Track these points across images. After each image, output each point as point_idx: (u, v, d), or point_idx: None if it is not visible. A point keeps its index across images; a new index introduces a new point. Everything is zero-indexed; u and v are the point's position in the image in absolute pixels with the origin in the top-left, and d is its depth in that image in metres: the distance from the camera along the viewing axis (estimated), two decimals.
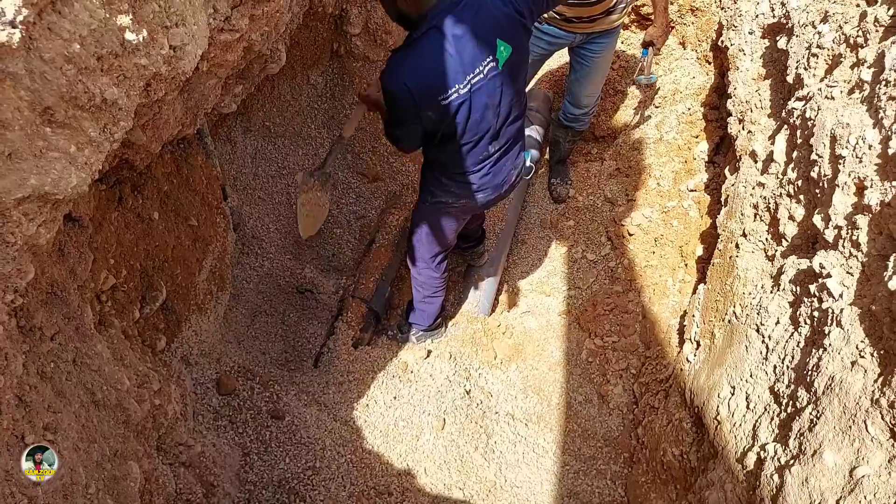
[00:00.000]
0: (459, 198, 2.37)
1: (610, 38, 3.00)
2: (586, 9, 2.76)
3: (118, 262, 1.72)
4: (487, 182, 2.32)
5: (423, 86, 1.90)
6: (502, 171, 2.33)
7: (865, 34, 1.73)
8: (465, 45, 1.89)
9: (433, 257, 2.65)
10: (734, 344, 1.86)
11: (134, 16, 1.13)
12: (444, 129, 2.04)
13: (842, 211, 1.52)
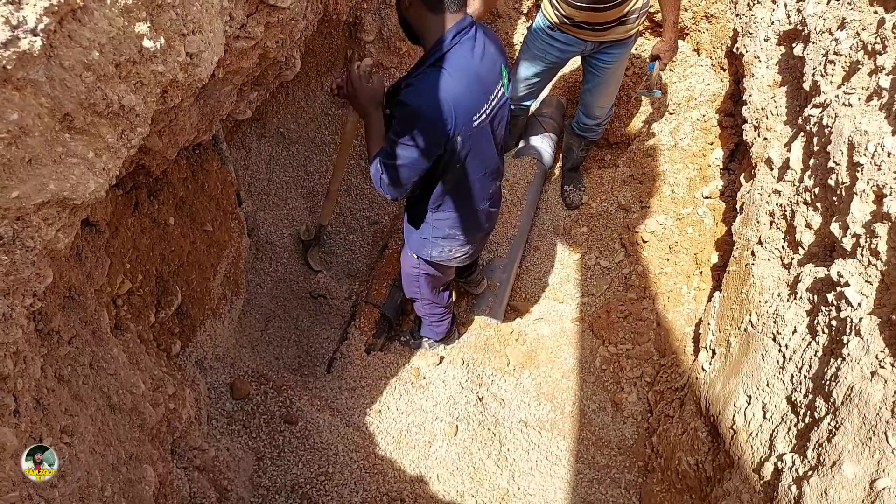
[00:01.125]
0: (465, 244, 2.29)
1: (623, 49, 2.97)
2: (598, 14, 2.75)
3: (134, 266, 1.74)
4: (488, 220, 2.30)
5: (460, 106, 1.78)
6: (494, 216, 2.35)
7: (884, 41, 1.71)
8: (485, 65, 1.84)
9: (433, 294, 2.64)
10: (750, 352, 1.84)
11: (152, 24, 1.14)
12: (463, 155, 1.92)
13: (860, 219, 1.50)
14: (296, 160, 3.08)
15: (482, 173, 2.06)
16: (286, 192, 3.00)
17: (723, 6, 3.62)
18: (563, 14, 2.83)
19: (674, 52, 3.00)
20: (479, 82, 1.84)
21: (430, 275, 2.48)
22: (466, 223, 2.20)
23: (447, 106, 1.75)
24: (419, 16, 1.79)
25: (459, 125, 1.80)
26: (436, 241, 2.25)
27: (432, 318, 2.75)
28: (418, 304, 2.70)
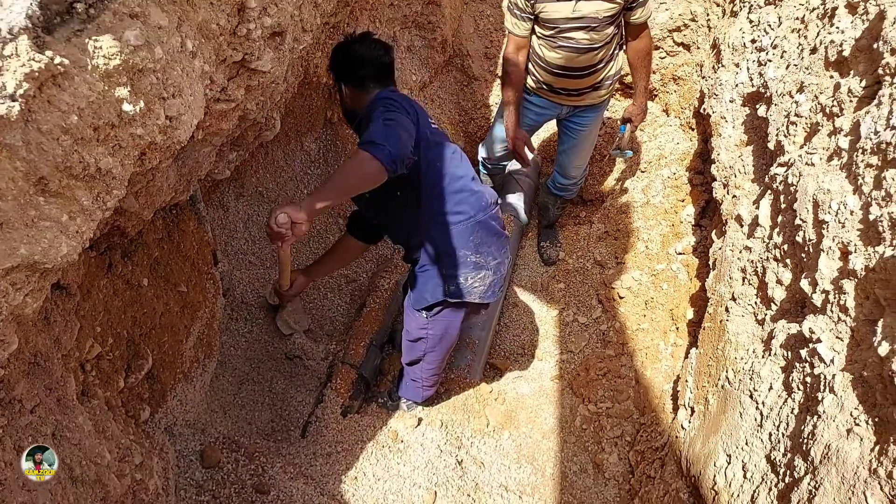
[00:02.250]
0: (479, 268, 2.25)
1: (597, 112, 3.09)
2: (573, 81, 2.86)
3: (105, 329, 1.70)
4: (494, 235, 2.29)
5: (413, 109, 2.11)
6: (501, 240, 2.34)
7: (840, 104, 1.79)
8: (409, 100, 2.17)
9: (440, 360, 2.61)
10: (728, 410, 1.84)
11: (132, 88, 1.15)
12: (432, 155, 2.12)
13: (828, 275, 1.53)
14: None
15: (464, 179, 2.19)
16: (263, 252, 2.98)
17: (689, 69, 3.79)
18: (540, 79, 2.94)
19: (644, 116, 3.14)
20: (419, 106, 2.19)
21: (439, 336, 2.44)
22: (471, 239, 2.22)
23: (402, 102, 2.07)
24: (355, 97, 2.23)
25: (420, 120, 2.08)
26: (448, 272, 2.25)
27: (426, 383, 2.71)
28: (417, 368, 2.64)
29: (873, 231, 1.40)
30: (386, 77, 2.24)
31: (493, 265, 2.30)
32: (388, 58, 2.23)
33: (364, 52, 2.19)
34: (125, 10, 1.08)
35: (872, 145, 1.48)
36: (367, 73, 2.19)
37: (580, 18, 2.62)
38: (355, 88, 2.22)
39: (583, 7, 2.59)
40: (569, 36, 2.69)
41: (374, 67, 2.19)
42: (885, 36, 1.55)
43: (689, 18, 3.69)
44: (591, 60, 2.79)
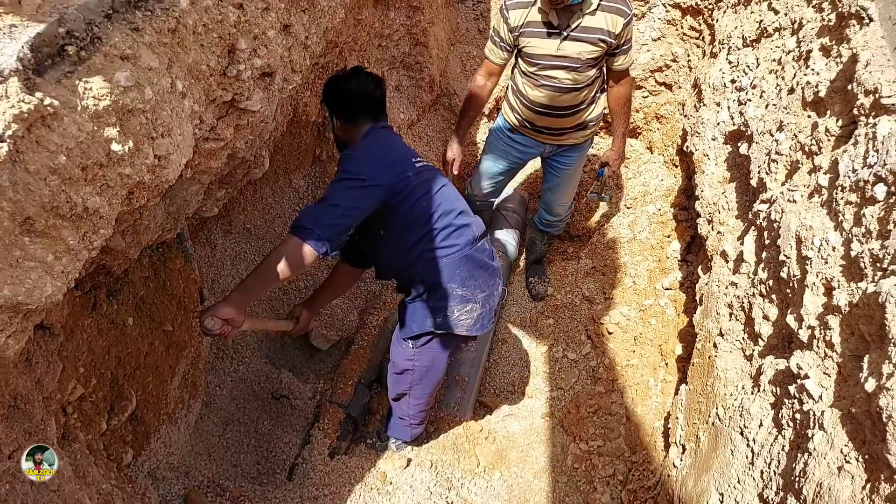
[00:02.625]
0: (466, 301, 2.22)
1: (581, 151, 3.14)
2: (555, 119, 2.91)
3: (88, 370, 1.67)
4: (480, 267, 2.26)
5: (396, 149, 2.19)
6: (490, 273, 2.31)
7: (818, 143, 1.84)
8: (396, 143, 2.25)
9: (427, 395, 2.57)
10: (719, 447, 1.83)
11: (121, 128, 1.16)
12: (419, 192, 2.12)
13: (813, 311, 1.55)
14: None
15: (452, 213, 2.20)
16: None
17: (672, 107, 3.88)
18: (523, 118, 2.99)
19: (621, 161, 3.21)
20: (406, 146, 2.28)
21: (426, 368, 2.42)
22: (458, 272, 2.20)
23: (384, 149, 2.13)
24: (345, 130, 2.26)
25: (400, 162, 2.12)
26: (436, 304, 2.24)
27: (413, 420, 2.66)
28: (404, 403, 2.60)
29: (855, 267, 1.42)
30: (377, 111, 2.27)
31: (480, 298, 2.28)
32: (378, 91, 2.26)
33: (355, 86, 2.22)
34: (116, 53, 1.10)
35: (851, 183, 1.51)
36: (358, 107, 2.22)
37: (563, 57, 2.68)
38: (346, 121, 2.25)
39: (567, 47, 2.64)
40: (551, 74, 2.74)
41: (364, 101, 2.22)
42: (858, 78, 1.60)
43: (670, 59, 3.79)
44: (573, 101, 2.84)
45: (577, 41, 2.63)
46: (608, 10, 2.58)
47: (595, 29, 2.60)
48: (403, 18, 3.24)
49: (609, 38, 2.62)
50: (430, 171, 2.24)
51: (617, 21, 2.59)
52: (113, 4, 1.09)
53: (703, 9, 3.45)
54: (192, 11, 1.28)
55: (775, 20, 2.39)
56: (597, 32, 2.61)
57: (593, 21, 2.59)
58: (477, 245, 2.26)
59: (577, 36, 2.62)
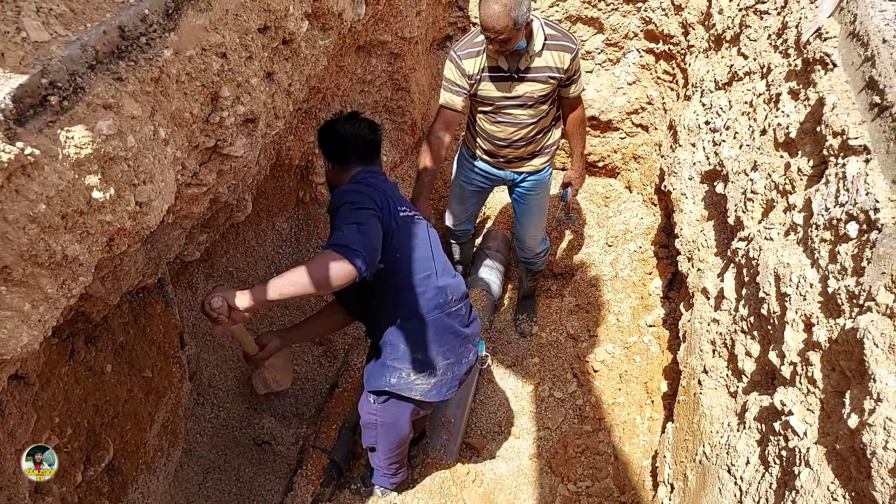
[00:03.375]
0: (424, 368, 2.14)
1: (541, 176, 3.17)
2: (514, 150, 2.98)
3: (63, 420, 1.63)
4: (450, 339, 2.17)
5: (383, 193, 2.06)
6: (461, 340, 2.22)
7: (792, 182, 1.88)
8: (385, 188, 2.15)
9: (391, 450, 2.48)
10: (707, 486, 1.81)
11: (103, 175, 1.16)
12: (398, 242, 2.04)
13: (794, 347, 1.56)
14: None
15: (423, 273, 2.11)
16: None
17: (648, 148, 3.96)
18: (484, 148, 3.06)
19: (582, 180, 3.30)
20: (394, 192, 2.18)
21: (388, 424, 2.33)
22: (419, 336, 2.11)
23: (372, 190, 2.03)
24: (336, 173, 2.24)
25: (388, 207, 2.03)
26: (393, 363, 2.15)
27: (387, 471, 2.60)
28: (374, 456, 2.54)
29: (833, 303, 1.44)
30: (369, 155, 2.24)
31: (442, 365, 2.17)
32: (372, 136, 2.24)
33: (349, 130, 2.21)
34: (99, 102, 1.11)
35: (825, 221, 1.55)
36: (350, 151, 2.21)
37: (517, 97, 2.77)
38: (337, 164, 2.24)
39: (519, 88, 2.74)
40: (507, 111, 2.84)
41: (358, 145, 2.21)
42: (825, 120, 1.65)
43: (645, 102, 3.89)
44: (530, 133, 2.93)
45: (529, 81, 2.72)
46: (554, 49, 2.67)
47: (543, 68, 2.70)
48: (385, 65, 3.31)
49: (558, 73, 2.72)
50: (413, 224, 2.16)
51: (564, 57, 2.69)
52: (97, 56, 1.11)
53: (676, 54, 3.57)
54: (176, 61, 1.30)
55: (745, 64, 2.47)
56: (546, 71, 2.70)
57: (541, 61, 2.68)
58: (449, 310, 2.17)
59: (528, 77, 2.71)
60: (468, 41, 2.72)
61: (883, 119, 1.47)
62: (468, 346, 2.28)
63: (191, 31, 1.35)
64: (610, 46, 3.84)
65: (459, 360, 2.24)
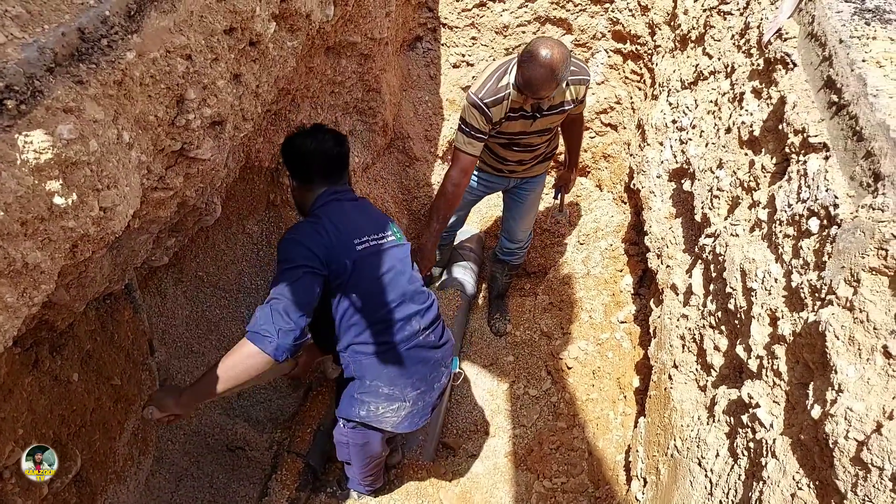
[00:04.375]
0: (392, 399, 2.10)
1: (540, 179, 3.28)
2: (529, 153, 3.01)
3: (28, 431, 1.59)
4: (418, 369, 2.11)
5: (337, 231, 1.97)
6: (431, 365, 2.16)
7: (756, 179, 1.93)
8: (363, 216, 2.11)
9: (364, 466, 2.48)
10: (679, 479, 1.84)
11: (64, 181, 1.14)
12: (357, 278, 1.97)
13: (760, 341, 1.60)
14: (214, 304, 3.00)
15: (388, 306, 2.02)
16: (204, 338, 2.89)
17: (618, 147, 4.01)
18: (492, 165, 3.10)
19: (574, 181, 3.45)
20: (355, 221, 2.06)
21: (360, 445, 2.31)
22: (386, 371, 2.06)
23: (322, 231, 1.95)
24: (300, 192, 2.16)
25: (340, 247, 1.95)
26: (361, 396, 2.10)
27: (363, 481, 2.60)
28: (349, 469, 2.54)
29: (796, 297, 1.48)
30: (334, 172, 2.11)
31: (411, 396, 2.12)
32: (338, 150, 2.12)
33: (310, 146, 2.08)
34: (59, 105, 1.08)
35: (787, 217, 1.59)
36: (314, 168, 2.09)
37: (536, 131, 2.82)
38: (301, 183, 2.13)
39: (538, 123, 2.76)
40: (524, 143, 2.90)
41: (321, 161, 2.09)
42: (787, 118, 1.70)
43: (614, 101, 3.94)
44: (538, 151, 3.03)
45: (548, 116, 2.75)
46: (573, 83, 2.69)
47: (562, 103, 2.73)
48: (355, 66, 3.29)
49: (573, 104, 2.77)
50: (379, 254, 2.05)
51: (580, 90, 2.73)
52: (55, 58, 1.08)
53: (643, 54, 3.62)
54: (139, 63, 1.28)
55: (710, 64, 2.52)
56: (564, 105, 2.74)
57: (560, 97, 2.69)
58: (417, 339, 2.10)
59: (548, 114, 2.73)
60: (492, 87, 2.59)
61: (840, 117, 1.51)
62: (440, 369, 2.22)
63: (154, 32, 1.33)
64: (579, 47, 3.88)
65: (431, 386, 2.19)
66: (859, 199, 1.33)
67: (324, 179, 2.10)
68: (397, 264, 2.09)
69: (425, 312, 2.14)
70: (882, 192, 1.25)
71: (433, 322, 2.17)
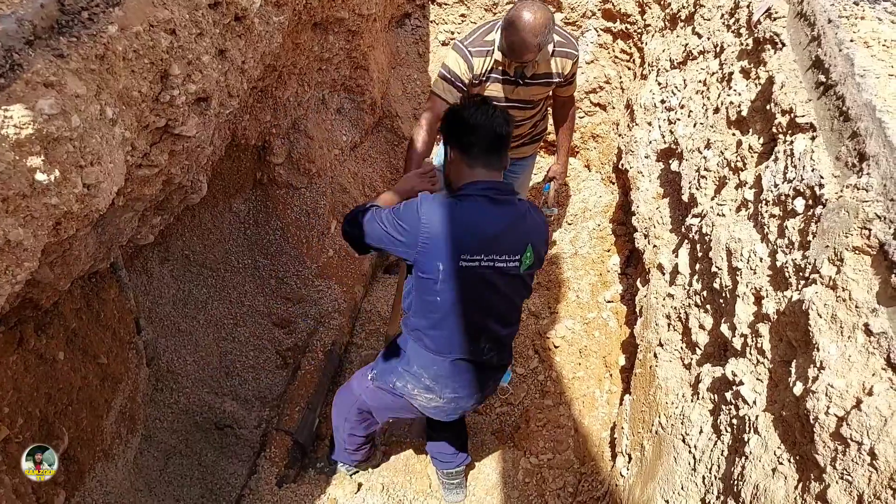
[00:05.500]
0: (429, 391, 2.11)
1: (527, 162, 3.25)
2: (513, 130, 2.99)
3: (14, 410, 1.58)
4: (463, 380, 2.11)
5: (446, 235, 1.86)
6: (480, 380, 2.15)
7: (743, 159, 1.93)
8: (499, 228, 1.93)
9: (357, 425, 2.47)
10: (663, 455, 1.88)
11: (46, 157, 1.12)
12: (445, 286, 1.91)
13: (745, 320, 1.62)
14: (201, 283, 2.98)
15: (470, 317, 1.98)
16: (191, 317, 2.88)
17: (606, 127, 4.01)
18: None
19: (565, 174, 3.31)
20: (480, 234, 1.90)
21: (367, 409, 2.34)
22: (438, 367, 2.06)
23: (438, 223, 1.86)
24: (456, 166, 2.00)
25: (439, 249, 1.86)
26: (404, 374, 2.12)
27: (350, 446, 2.60)
28: (337, 434, 2.56)
29: (781, 276, 1.50)
30: (495, 151, 1.96)
31: (448, 396, 2.13)
32: (506, 129, 1.96)
33: (479, 118, 1.93)
34: (39, 80, 1.06)
35: (773, 197, 1.60)
36: (477, 143, 1.94)
37: (517, 100, 2.76)
38: (460, 153, 1.98)
39: (521, 91, 2.73)
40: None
41: (485, 137, 1.94)
42: (775, 98, 1.70)
43: (603, 81, 3.92)
44: (523, 130, 2.95)
45: (531, 86, 2.71)
46: (559, 55, 2.67)
47: (547, 74, 2.70)
48: (343, 42, 3.25)
49: (559, 77, 2.73)
50: (480, 275, 1.93)
51: (566, 63, 2.70)
52: (34, 31, 1.06)
53: (633, 33, 3.60)
54: (122, 37, 1.25)
55: (699, 44, 2.51)
56: (549, 77, 2.71)
57: (546, 67, 2.67)
58: (481, 358, 2.08)
59: (531, 82, 2.69)
60: (479, 37, 2.59)
61: (828, 97, 1.51)
62: (488, 382, 2.21)
63: (136, 6, 1.31)
64: (569, 25, 3.85)
65: (470, 395, 2.18)
66: (844, 179, 1.34)
67: (484, 157, 1.95)
68: (503, 288, 2.00)
69: (501, 336, 2.10)
70: (867, 172, 1.26)
71: (504, 345, 2.15)
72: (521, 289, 2.08)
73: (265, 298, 3.24)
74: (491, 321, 2.03)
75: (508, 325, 2.12)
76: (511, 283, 2.01)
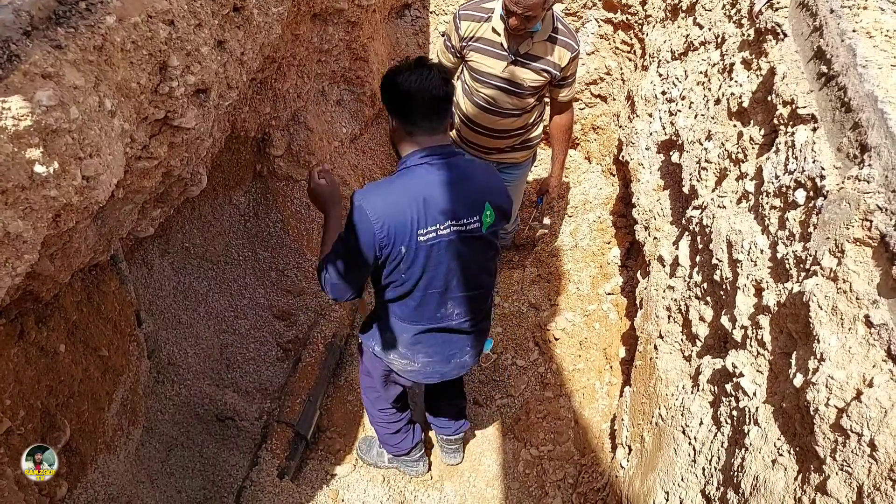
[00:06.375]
0: (403, 357, 2.14)
1: (522, 170, 3.17)
2: (487, 139, 2.92)
3: (15, 402, 1.58)
4: (434, 352, 2.13)
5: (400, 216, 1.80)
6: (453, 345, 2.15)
7: (744, 151, 1.93)
8: (452, 190, 1.86)
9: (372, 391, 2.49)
10: (663, 447, 1.88)
11: (45, 149, 1.12)
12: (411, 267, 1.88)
13: (745, 312, 1.62)
14: (202, 275, 2.98)
15: (437, 289, 1.97)
16: (192, 310, 2.88)
17: (607, 119, 3.99)
18: (458, 131, 3.01)
19: (559, 188, 3.23)
20: (429, 204, 1.83)
21: (366, 368, 2.39)
22: (409, 336, 2.08)
23: (386, 211, 1.79)
24: (399, 134, 1.91)
25: (399, 234, 1.81)
26: (382, 337, 2.13)
27: (383, 430, 2.59)
28: (372, 418, 2.61)
29: (781, 268, 1.49)
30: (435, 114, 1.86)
31: (421, 361, 2.15)
32: (444, 89, 1.85)
33: (414, 84, 1.81)
34: (37, 71, 1.06)
35: (774, 188, 1.59)
36: (415, 108, 1.84)
37: (506, 80, 2.66)
38: (400, 123, 1.89)
39: (512, 71, 2.64)
40: (488, 93, 2.73)
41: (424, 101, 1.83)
42: (776, 89, 1.69)
43: (604, 72, 3.90)
44: (512, 125, 2.85)
45: (523, 67, 2.63)
46: (558, 43, 2.59)
47: (542, 59, 2.61)
48: (342, 34, 3.24)
49: (554, 69, 2.64)
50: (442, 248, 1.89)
51: (564, 54, 2.61)
52: (32, 21, 1.05)
53: (634, 24, 3.58)
54: (120, 28, 1.24)
55: (700, 34, 2.50)
56: (543, 63, 2.62)
57: (541, 50, 2.59)
58: (450, 323, 2.08)
59: (524, 62, 2.62)
60: (476, 3, 2.60)
61: (829, 88, 1.51)
62: (465, 349, 2.19)
63: None
64: (570, 16, 3.83)
65: (446, 360, 2.17)
66: (846, 171, 1.33)
67: (426, 122, 1.85)
68: (465, 252, 1.94)
69: (469, 299, 2.07)
70: (868, 163, 1.26)
71: (475, 309, 2.12)
72: (486, 249, 2.02)
73: (266, 291, 3.24)
74: (456, 286, 2.00)
75: (475, 288, 2.06)
76: (474, 245, 1.96)
